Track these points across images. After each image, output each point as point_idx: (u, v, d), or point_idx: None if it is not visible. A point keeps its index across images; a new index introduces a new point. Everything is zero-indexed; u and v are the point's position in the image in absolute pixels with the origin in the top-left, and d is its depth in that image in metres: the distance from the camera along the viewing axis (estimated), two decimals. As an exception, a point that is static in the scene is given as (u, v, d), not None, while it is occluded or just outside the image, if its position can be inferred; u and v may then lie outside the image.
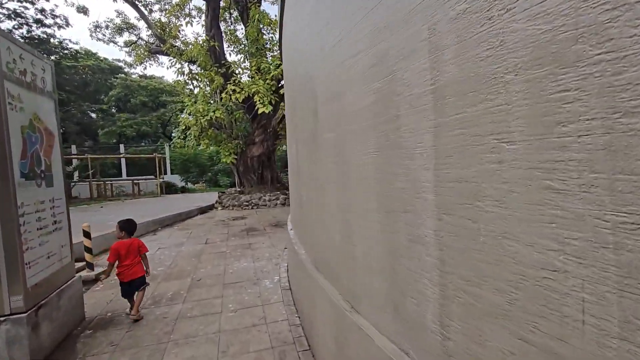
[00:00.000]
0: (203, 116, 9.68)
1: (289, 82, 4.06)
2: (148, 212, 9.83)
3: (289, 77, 3.92)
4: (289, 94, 4.06)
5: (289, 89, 4.02)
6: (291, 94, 3.77)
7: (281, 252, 5.41)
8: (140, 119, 31.72)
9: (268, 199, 11.34)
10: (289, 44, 3.64)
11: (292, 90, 3.70)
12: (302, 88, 3.01)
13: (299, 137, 3.18)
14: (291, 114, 3.75)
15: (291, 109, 3.71)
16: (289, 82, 4.06)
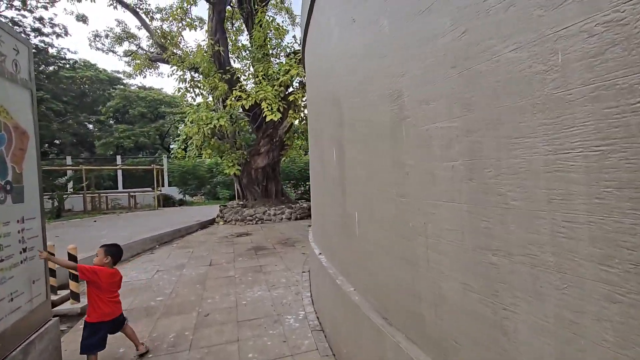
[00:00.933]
0: (206, 124, 9.04)
1: (315, 93, 3.45)
2: (144, 227, 9.06)
3: (315, 86, 3.31)
4: (314, 105, 3.45)
5: (315, 99, 3.42)
6: (317, 105, 3.16)
7: (299, 277, 4.67)
8: (139, 130, 31.09)
9: (273, 213, 10.61)
10: (315, 55, 3.05)
11: (318, 101, 3.09)
12: (329, 99, 2.41)
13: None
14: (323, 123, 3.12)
15: (316, 118, 3.09)
16: (315, 93, 3.45)
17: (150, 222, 10.46)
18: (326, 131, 2.94)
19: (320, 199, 3.35)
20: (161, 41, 15.04)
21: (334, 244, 2.77)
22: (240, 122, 9.90)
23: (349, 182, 2.30)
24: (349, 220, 2.31)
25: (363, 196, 2.04)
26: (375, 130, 1.81)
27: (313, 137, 3.87)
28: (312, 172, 4.22)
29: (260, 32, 9.75)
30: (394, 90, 1.60)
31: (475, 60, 1.09)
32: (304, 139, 11.47)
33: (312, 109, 3.80)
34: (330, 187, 2.87)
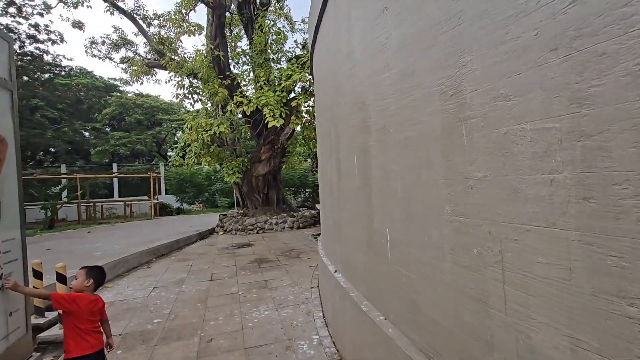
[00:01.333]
0: (206, 131, 8.74)
1: (329, 97, 3.17)
2: (141, 239, 8.69)
3: (328, 90, 3.02)
4: (326, 110, 3.17)
5: (327, 103, 3.13)
6: (331, 109, 2.88)
7: (308, 294, 4.34)
8: (135, 137, 30.73)
9: (275, 222, 10.28)
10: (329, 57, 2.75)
11: (332, 105, 2.81)
12: (348, 102, 2.14)
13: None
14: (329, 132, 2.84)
15: (326, 126, 2.80)
16: (329, 97, 3.17)
17: (147, 233, 10.09)
18: (344, 137, 2.65)
19: (336, 211, 3.04)
20: (159, 47, 14.81)
21: (355, 263, 2.46)
22: (240, 128, 9.60)
23: (377, 195, 2.01)
24: (378, 238, 2.01)
25: (399, 212, 1.74)
26: (418, 134, 1.52)
27: (324, 144, 3.58)
28: (323, 181, 3.93)
29: (261, 36, 9.52)
30: (447, 85, 1.31)
31: (595, 39, 0.80)
32: (306, 145, 11.21)
33: (324, 114, 3.51)
34: (349, 198, 2.57)
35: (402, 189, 1.69)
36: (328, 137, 3.25)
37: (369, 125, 2.09)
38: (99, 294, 2.30)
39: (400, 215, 1.73)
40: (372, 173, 2.06)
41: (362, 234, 2.28)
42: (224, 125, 8.73)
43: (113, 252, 6.85)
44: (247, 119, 10.01)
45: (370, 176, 2.10)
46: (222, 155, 10.18)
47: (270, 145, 10.09)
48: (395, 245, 1.80)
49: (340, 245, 2.90)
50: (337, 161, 2.91)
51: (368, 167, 2.13)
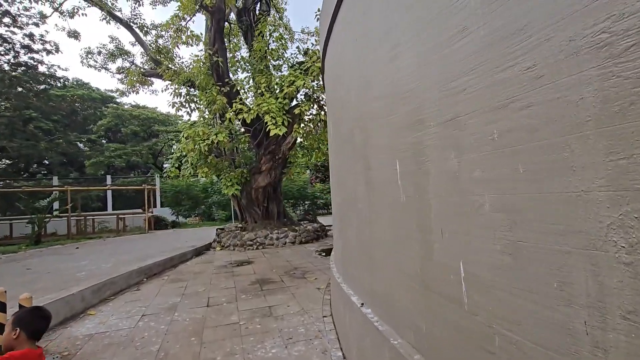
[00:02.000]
0: (203, 140, 8.21)
1: (346, 96, 2.68)
2: (132, 255, 8.05)
3: (346, 89, 2.51)
4: (343, 112, 2.65)
5: (345, 104, 2.62)
6: (351, 110, 2.35)
7: (321, 325, 3.73)
8: (130, 149, 30.19)
9: (276, 236, 9.67)
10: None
11: (355, 105, 2.29)
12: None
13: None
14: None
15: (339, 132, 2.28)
16: (346, 96, 2.68)
17: (139, 249, 9.43)
18: (378, 139, 2.12)
19: (363, 231, 2.49)
20: (156, 56, 14.44)
21: (398, 301, 1.90)
22: (240, 137, 9.09)
23: (439, 214, 1.46)
24: (441, 273, 1.46)
25: (487, 239, 1.19)
26: (544, 122, 0.98)
27: (343, 151, 3.05)
28: (340, 194, 3.38)
29: (262, 42, 9.12)
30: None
31: None
32: (308, 156, 10.70)
33: (344, 115, 2.99)
34: (386, 216, 2.03)
35: (497, 207, 1.14)
36: (350, 142, 2.72)
37: (423, 119, 1.56)
38: (75, 324, 1.71)
39: (490, 245, 1.18)
40: (430, 183, 1.52)
41: (412, 264, 1.72)
42: (222, 134, 8.22)
43: (100, 272, 6.21)
44: (247, 128, 9.52)
45: (426, 187, 1.56)
46: (220, 166, 9.64)
47: (271, 156, 9.56)
48: (478, 288, 1.24)
49: (370, 273, 2.34)
50: (365, 169, 2.37)
51: (422, 176, 1.59)
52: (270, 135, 7.76)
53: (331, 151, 4.10)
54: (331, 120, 3.94)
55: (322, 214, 21.34)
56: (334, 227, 4.15)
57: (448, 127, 1.39)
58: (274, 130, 7.54)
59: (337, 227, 3.70)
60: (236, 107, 8.07)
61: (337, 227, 3.62)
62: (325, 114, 8.29)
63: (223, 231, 10.28)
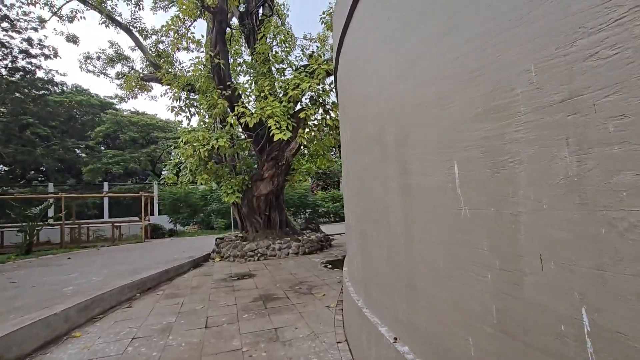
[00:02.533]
0: (203, 145, 7.81)
1: (369, 88, 2.28)
2: (126, 267, 7.57)
3: (369, 80, 2.11)
4: (366, 107, 2.25)
5: (368, 98, 2.22)
6: (380, 102, 1.95)
7: (336, 354, 3.27)
8: (129, 155, 29.83)
9: (278, 247, 9.20)
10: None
11: (386, 96, 1.88)
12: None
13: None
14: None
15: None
16: (369, 88, 2.28)
17: (134, 259, 8.94)
18: (424, 134, 1.70)
19: (397, 250, 2.05)
20: (155, 60, 14.15)
21: (459, 349, 1.46)
22: (241, 143, 8.69)
23: (535, 236, 1.04)
24: (543, 322, 1.03)
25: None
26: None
27: (368, 152, 2.64)
28: (360, 203, 2.96)
29: (265, 45, 8.78)
30: None
31: None
32: (313, 162, 10.29)
33: (366, 110, 2.59)
34: (432, 233, 1.60)
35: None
36: (378, 142, 2.31)
37: (505, 105, 1.15)
38: (56, 349, 1.26)
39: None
40: (519, 192, 1.10)
41: (481, 300, 1.29)
42: (223, 139, 7.81)
43: (89, 286, 5.74)
44: (249, 133, 9.12)
45: (509, 198, 1.14)
46: (221, 173, 9.21)
47: (274, 162, 9.15)
48: (620, 352, 0.81)
49: (407, 303, 1.90)
50: (400, 174, 1.96)
51: (502, 182, 1.17)
52: (274, 140, 7.35)
53: (346, 155, 3.69)
54: (346, 122, 3.53)
55: (323, 222, 20.88)
56: (350, 241, 3.72)
57: (557, 112, 0.97)
58: (278, 135, 7.13)
59: (355, 241, 3.26)
60: (238, 110, 7.68)
61: (356, 241, 3.19)
62: (331, 119, 7.91)
63: (222, 241, 9.81)
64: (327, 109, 8.11)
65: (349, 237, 3.89)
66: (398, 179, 1.99)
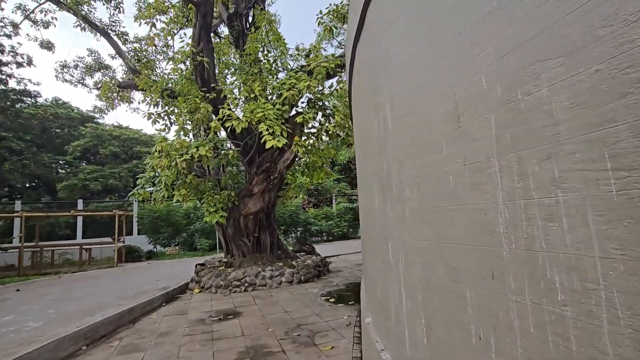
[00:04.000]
0: (181, 155, 6.55)
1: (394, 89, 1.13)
2: (80, 304, 6.11)
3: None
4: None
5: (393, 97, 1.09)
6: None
7: None
8: (109, 171, 28.07)
9: (269, 275, 7.85)
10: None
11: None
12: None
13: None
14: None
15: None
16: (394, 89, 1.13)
17: (96, 291, 7.44)
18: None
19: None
20: (134, 65, 12.96)
21: None
22: (228, 152, 7.43)
23: None
24: None
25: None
26: None
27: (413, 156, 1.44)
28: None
29: (257, 43, 7.70)
30: None
31: None
32: (310, 175, 9.08)
33: (404, 98, 1.42)
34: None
35: None
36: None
37: None
38: None
39: None
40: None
41: None
42: (205, 147, 6.57)
43: (18, 337, 4.31)
44: (236, 142, 7.91)
45: None
46: (203, 188, 7.90)
47: (265, 175, 7.90)
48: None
49: None
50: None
51: None
52: (266, 147, 6.14)
53: (366, 162, 2.51)
54: (372, 115, 2.37)
55: (316, 241, 19.52)
56: (371, 272, 2.49)
57: None
58: (271, 142, 5.94)
59: (377, 272, 2.04)
60: (223, 113, 6.48)
61: (378, 272, 1.96)
62: (332, 125, 6.77)
63: (203, 268, 8.38)
64: (328, 113, 6.99)
65: (370, 266, 2.67)
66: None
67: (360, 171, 3.65)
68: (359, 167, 3.86)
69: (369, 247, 2.96)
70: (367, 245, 3.03)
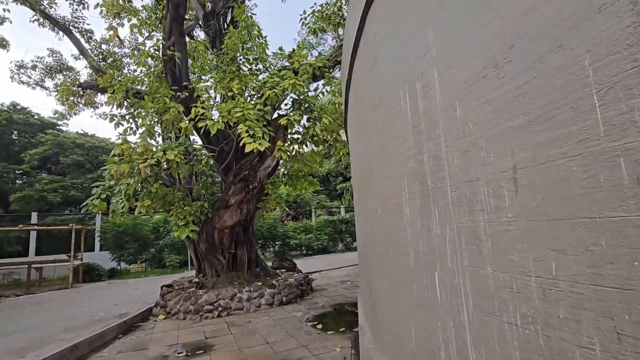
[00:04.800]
0: (145, 159, 5.65)
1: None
2: (11, 341, 4.97)
3: None
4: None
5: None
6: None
7: None
8: (70, 181, 26.01)
9: (246, 296, 6.96)
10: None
11: None
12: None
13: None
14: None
15: None
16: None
17: (37, 322, 6.24)
18: None
19: None
20: (99, 65, 11.91)
21: None
22: (201, 158, 6.54)
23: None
24: None
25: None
26: None
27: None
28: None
29: (236, 38, 7.00)
30: None
31: None
32: (293, 185, 8.33)
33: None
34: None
35: None
36: None
37: None
38: None
39: None
40: None
41: None
42: (174, 151, 5.71)
43: None
44: (210, 147, 7.08)
45: None
46: (171, 199, 6.97)
47: (243, 184, 7.08)
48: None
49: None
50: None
51: None
52: (246, 152, 5.37)
53: (381, 160, 1.86)
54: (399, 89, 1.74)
55: (295, 256, 18.61)
56: (380, 301, 1.80)
57: None
58: (251, 145, 5.18)
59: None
60: (196, 112, 5.67)
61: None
62: (322, 129, 6.09)
63: (170, 289, 7.36)
64: (315, 116, 6.34)
65: (385, 292, 1.99)
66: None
67: (362, 175, 3.00)
68: (360, 170, 3.20)
69: (381, 274, 2.28)
70: (378, 272, 2.35)
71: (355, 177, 3.75)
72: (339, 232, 21.14)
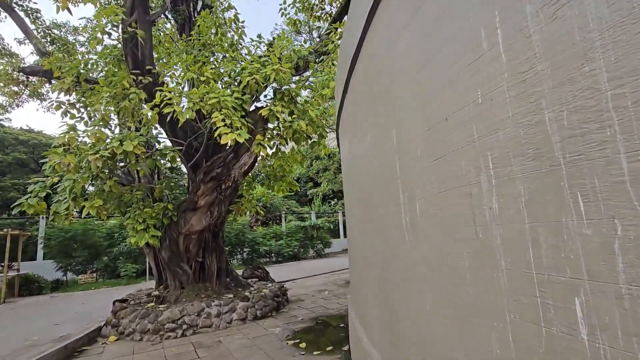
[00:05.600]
0: (96, 152, 4.72)
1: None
2: None
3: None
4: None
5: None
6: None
7: None
8: (10, 182, 23.26)
9: (216, 312, 6.12)
10: None
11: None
12: None
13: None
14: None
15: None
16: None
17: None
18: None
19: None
20: (46, 49, 10.51)
21: None
22: (165, 152, 5.64)
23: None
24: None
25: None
26: None
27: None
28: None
29: (210, 21, 6.23)
30: None
31: None
32: (269, 185, 7.59)
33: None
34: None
35: None
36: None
37: None
38: None
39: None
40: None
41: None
42: (133, 142, 4.82)
43: None
44: (177, 141, 6.22)
45: None
46: (128, 199, 5.99)
47: (215, 184, 6.27)
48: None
49: None
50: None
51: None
52: (222, 143, 4.61)
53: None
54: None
55: (265, 263, 17.69)
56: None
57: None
58: (228, 136, 4.45)
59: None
60: (162, 96, 4.84)
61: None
62: (307, 124, 5.45)
63: (125, 305, 6.32)
64: (299, 108, 5.71)
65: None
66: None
67: (356, 178, 2.46)
68: (354, 171, 2.67)
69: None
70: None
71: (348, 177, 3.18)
72: (310, 238, 20.49)
